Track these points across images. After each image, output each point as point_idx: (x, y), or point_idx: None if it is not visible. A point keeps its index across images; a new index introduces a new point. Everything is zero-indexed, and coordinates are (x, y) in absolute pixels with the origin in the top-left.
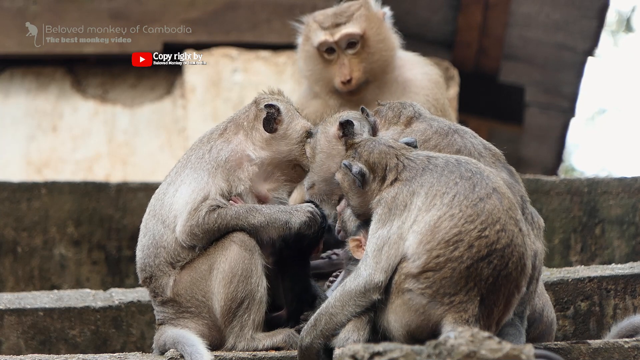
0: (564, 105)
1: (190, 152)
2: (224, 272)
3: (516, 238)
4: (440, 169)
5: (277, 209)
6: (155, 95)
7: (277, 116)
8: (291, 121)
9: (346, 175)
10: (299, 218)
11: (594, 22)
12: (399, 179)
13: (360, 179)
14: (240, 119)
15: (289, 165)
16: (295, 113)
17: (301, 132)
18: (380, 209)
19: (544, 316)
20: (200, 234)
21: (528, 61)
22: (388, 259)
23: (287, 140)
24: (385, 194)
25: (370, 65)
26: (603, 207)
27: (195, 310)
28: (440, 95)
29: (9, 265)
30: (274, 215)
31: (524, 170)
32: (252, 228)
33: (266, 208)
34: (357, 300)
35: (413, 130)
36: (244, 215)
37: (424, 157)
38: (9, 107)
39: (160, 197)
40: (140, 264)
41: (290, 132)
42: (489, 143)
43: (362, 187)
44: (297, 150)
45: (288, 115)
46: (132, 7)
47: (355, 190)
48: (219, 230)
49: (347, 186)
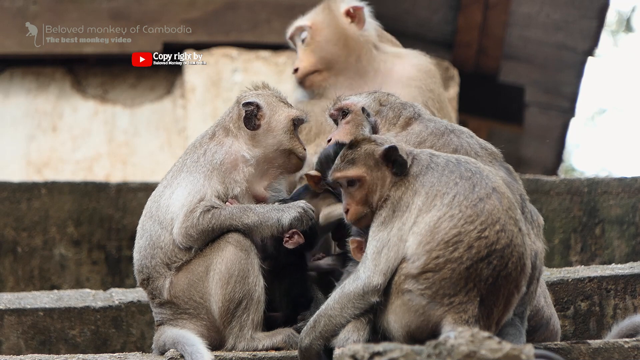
0: (564, 105)
1: (185, 156)
2: (221, 273)
3: (516, 238)
4: (441, 168)
5: (270, 207)
6: (155, 95)
7: (258, 112)
8: (273, 113)
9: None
10: (290, 214)
11: (594, 22)
12: (409, 173)
13: (404, 168)
14: (226, 122)
15: (283, 155)
16: (279, 104)
17: (285, 121)
18: (384, 210)
19: (550, 324)
20: (195, 234)
21: (528, 61)
22: (387, 262)
23: (273, 133)
24: (393, 192)
25: (321, 55)
26: (603, 207)
27: (193, 311)
28: (435, 85)
29: (9, 265)
30: (266, 214)
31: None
32: (245, 228)
33: (259, 207)
34: (355, 302)
35: (409, 132)
36: (238, 215)
37: (427, 155)
38: (9, 107)
39: (157, 199)
40: (138, 266)
41: (274, 125)
42: (486, 142)
43: (400, 174)
44: (285, 140)
45: (269, 109)
46: (132, 7)
47: (381, 175)
48: (214, 231)
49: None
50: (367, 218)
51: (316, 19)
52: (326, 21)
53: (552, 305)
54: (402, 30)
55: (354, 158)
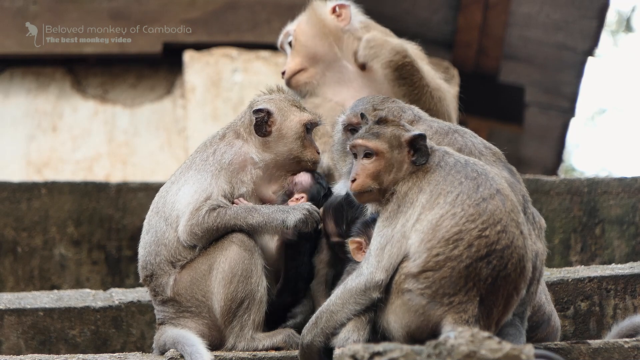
0: (564, 105)
1: (195, 155)
2: (224, 272)
3: (517, 240)
4: (449, 168)
5: (275, 208)
6: (155, 95)
7: (269, 118)
8: (285, 119)
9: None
10: (295, 216)
11: (594, 22)
12: (421, 168)
13: (426, 158)
14: (237, 126)
15: (294, 161)
16: (291, 108)
17: (297, 127)
18: (390, 205)
19: (552, 320)
20: (200, 233)
21: (528, 61)
22: (390, 258)
23: (284, 140)
24: (399, 188)
25: (305, 52)
26: (603, 207)
27: (195, 310)
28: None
29: (9, 265)
30: (271, 214)
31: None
32: (250, 228)
33: (265, 208)
34: (357, 298)
35: None
36: (243, 215)
37: (441, 152)
38: (9, 107)
39: (163, 195)
40: (142, 262)
41: (285, 131)
42: (489, 143)
43: (421, 164)
44: (296, 147)
45: (281, 114)
46: (132, 7)
47: (399, 159)
48: (218, 229)
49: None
50: (370, 195)
51: (301, 20)
52: (309, 20)
53: (552, 303)
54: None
55: (379, 133)
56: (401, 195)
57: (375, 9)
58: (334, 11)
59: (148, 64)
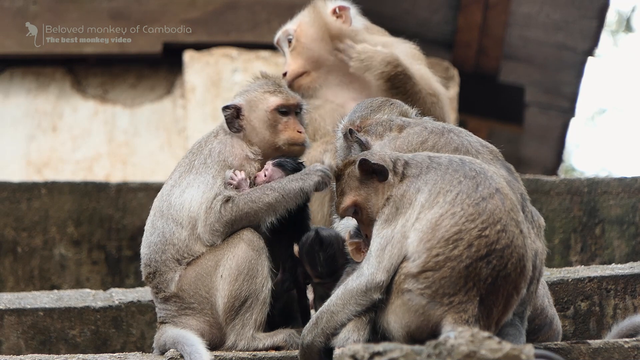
0: (564, 105)
1: (192, 157)
2: (230, 269)
3: (516, 239)
4: (445, 167)
5: (287, 179)
6: (155, 95)
7: (241, 113)
8: (253, 111)
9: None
10: (312, 179)
11: (594, 22)
12: (406, 175)
13: (384, 172)
14: (223, 124)
15: (273, 149)
16: (263, 96)
17: (264, 115)
18: (387, 208)
19: (554, 324)
20: (220, 228)
21: (528, 61)
22: (390, 259)
23: (256, 131)
24: (395, 191)
25: (308, 55)
26: (603, 207)
27: (197, 306)
28: (418, 64)
29: (9, 265)
30: (286, 187)
31: (524, 170)
32: (269, 207)
33: (276, 184)
34: (358, 299)
35: (409, 133)
36: (258, 197)
37: (425, 157)
38: (9, 107)
39: (166, 198)
40: (146, 260)
41: (254, 123)
42: (485, 141)
43: (385, 179)
44: (268, 134)
45: (249, 107)
46: (132, 7)
47: (372, 187)
48: (236, 220)
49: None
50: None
51: (302, 20)
52: (311, 22)
53: (552, 306)
54: (402, 30)
55: (342, 188)
56: (398, 198)
57: (375, 9)
58: (334, 12)
59: (148, 64)
